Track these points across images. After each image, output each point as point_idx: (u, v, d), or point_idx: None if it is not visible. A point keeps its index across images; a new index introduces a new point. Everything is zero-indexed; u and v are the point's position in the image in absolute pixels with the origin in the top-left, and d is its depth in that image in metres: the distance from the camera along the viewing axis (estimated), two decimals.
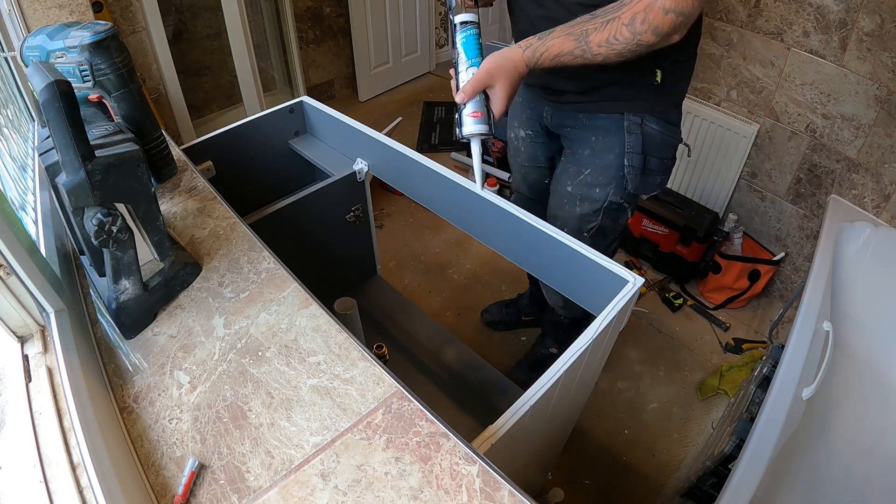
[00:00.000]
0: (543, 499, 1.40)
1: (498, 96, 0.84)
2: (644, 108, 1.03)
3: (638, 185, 1.08)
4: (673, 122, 1.07)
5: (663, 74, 0.99)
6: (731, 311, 1.91)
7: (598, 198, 1.10)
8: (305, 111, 1.35)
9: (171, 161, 0.95)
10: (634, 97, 1.02)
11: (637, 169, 1.06)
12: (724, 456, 1.16)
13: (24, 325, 0.69)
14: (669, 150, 1.08)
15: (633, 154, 1.05)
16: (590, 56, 0.84)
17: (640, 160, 1.06)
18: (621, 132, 1.05)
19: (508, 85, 0.84)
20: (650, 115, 1.04)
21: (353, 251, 1.47)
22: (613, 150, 1.06)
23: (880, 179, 1.50)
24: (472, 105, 0.84)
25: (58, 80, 0.55)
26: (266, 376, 0.67)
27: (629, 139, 1.04)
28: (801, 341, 1.17)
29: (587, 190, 1.11)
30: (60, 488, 0.53)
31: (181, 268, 0.79)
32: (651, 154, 1.06)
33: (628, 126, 1.04)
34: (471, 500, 0.54)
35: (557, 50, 0.84)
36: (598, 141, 1.08)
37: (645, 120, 1.04)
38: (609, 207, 1.11)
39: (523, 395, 0.69)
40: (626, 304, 0.79)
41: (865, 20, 1.38)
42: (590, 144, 1.10)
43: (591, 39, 0.82)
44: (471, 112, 0.84)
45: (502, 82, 0.84)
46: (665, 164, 1.09)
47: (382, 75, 3.14)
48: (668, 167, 1.11)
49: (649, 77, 0.99)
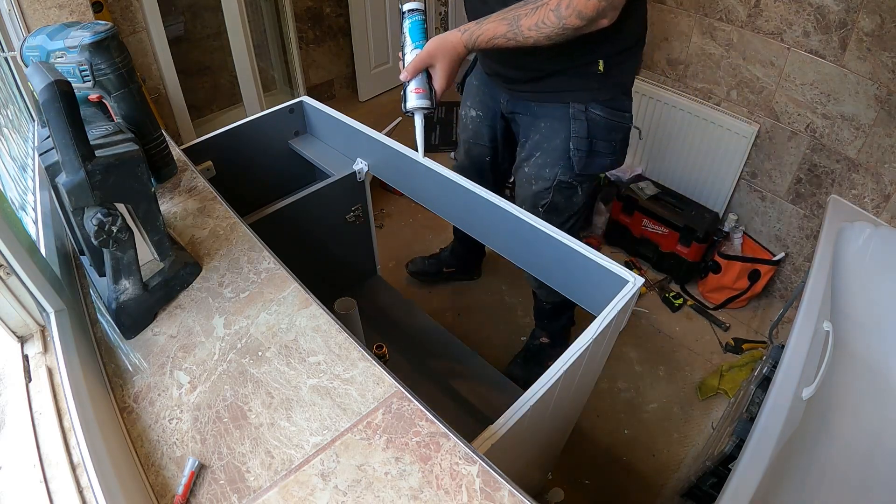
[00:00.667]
0: (543, 499, 1.39)
1: (439, 74, 0.93)
2: (588, 96, 1.13)
3: (585, 166, 1.19)
4: (620, 108, 1.16)
5: (606, 65, 1.08)
6: (731, 311, 1.91)
7: (549, 177, 1.22)
8: (305, 111, 1.35)
9: (171, 161, 0.95)
10: (579, 87, 1.12)
11: (583, 152, 1.17)
12: (724, 456, 1.16)
13: (24, 325, 0.69)
14: (616, 133, 1.18)
15: (579, 139, 1.16)
16: (521, 39, 0.92)
17: (586, 144, 1.16)
18: (567, 119, 1.15)
19: (448, 64, 0.92)
20: (595, 102, 1.13)
21: (353, 251, 1.47)
22: (560, 134, 1.17)
23: (880, 179, 1.50)
24: (415, 82, 0.93)
25: (58, 80, 0.55)
26: (266, 376, 0.67)
27: (574, 125, 1.15)
28: (801, 341, 1.17)
29: (539, 170, 1.23)
30: (60, 488, 0.53)
31: (181, 268, 0.79)
32: (597, 138, 1.17)
33: (574, 113, 1.14)
34: (471, 500, 0.54)
35: (492, 33, 0.93)
36: (546, 127, 1.19)
37: (589, 107, 1.13)
38: (559, 186, 1.22)
39: (523, 395, 0.69)
40: (626, 304, 0.79)
41: (865, 20, 1.38)
42: (540, 130, 1.21)
43: (522, 24, 0.91)
44: (413, 89, 0.93)
45: (442, 62, 0.92)
46: (613, 146, 1.20)
47: (382, 75, 3.14)
48: (616, 149, 1.21)
49: (592, 67, 1.08)
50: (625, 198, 1.99)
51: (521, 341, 1.81)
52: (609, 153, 1.20)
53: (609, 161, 1.21)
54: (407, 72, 0.93)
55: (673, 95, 1.88)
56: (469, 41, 0.93)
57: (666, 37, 1.85)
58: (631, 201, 1.97)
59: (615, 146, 1.20)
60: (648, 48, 1.91)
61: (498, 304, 1.94)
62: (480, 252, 1.96)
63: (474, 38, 0.93)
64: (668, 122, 1.91)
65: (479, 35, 0.93)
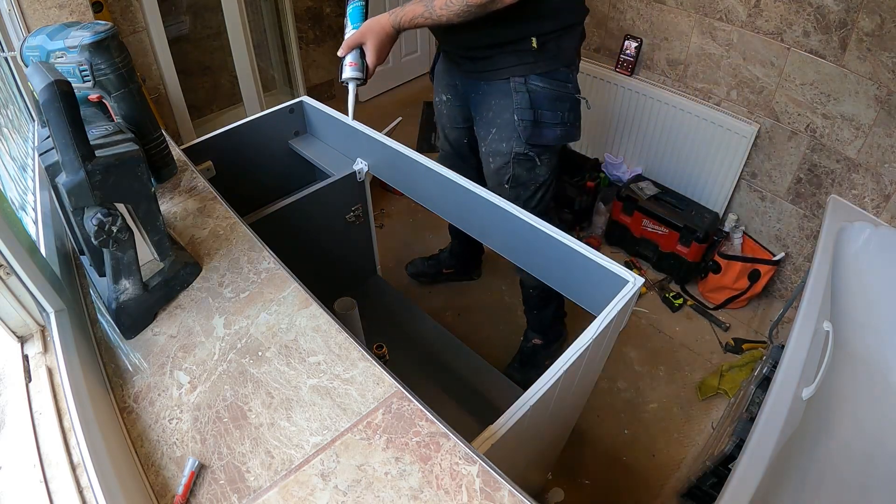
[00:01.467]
0: (543, 499, 1.39)
1: (369, 50, 1.06)
2: (526, 70, 1.20)
3: (533, 136, 1.25)
4: (561, 79, 1.22)
5: (539, 41, 1.16)
6: (731, 311, 1.91)
7: (506, 151, 1.28)
8: (305, 111, 1.35)
9: (171, 161, 0.95)
10: (516, 62, 1.19)
11: (527, 122, 1.24)
12: (724, 456, 1.16)
13: (24, 325, 0.69)
14: (561, 103, 1.24)
15: (522, 109, 1.23)
16: (436, 17, 1.04)
17: (530, 114, 1.23)
18: (510, 93, 1.22)
19: (377, 42, 1.06)
20: (534, 74, 1.20)
21: (353, 251, 1.47)
22: (508, 109, 1.24)
23: (880, 179, 1.50)
24: (350, 57, 1.07)
25: (58, 80, 0.55)
26: (266, 376, 0.67)
27: (516, 97, 1.22)
28: (801, 341, 1.17)
29: (496, 146, 1.29)
30: (60, 488, 0.53)
31: (181, 268, 0.79)
32: (542, 108, 1.23)
33: (514, 86, 1.21)
34: (471, 500, 0.54)
35: (412, 14, 1.05)
36: (496, 104, 1.26)
37: (529, 80, 1.20)
38: (516, 159, 1.28)
39: (523, 395, 0.69)
40: (626, 304, 0.79)
41: (865, 20, 1.38)
42: (491, 108, 1.28)
43: (435, 4, 1.03)
44: (349, 62, 1.07)
45: (371, 40, 1.06)
46: (561, 115, 1.25)
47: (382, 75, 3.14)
48: (566, 119, 1.26)
49: (525, 44, 1.16)
50: (625, 198, 1.99)
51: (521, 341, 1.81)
52: (557, 123, 1.26)
53: (560, 131, 1.27)
54: (343, 48, 1.08)
55: (673, 95, 1.87)
56: (395, 21, 1.06)
57: (666, 37, 1.85)
58: (631, 201, 1.97)
59: (562, 116, 1.25)
60: (649, 48, 1.91)
61: (498, 304, 1.94)
62: (479, 251, 1.96)
63: (398, 19, 1.06)
64: (668, 122, 1.91)
65: (402, 15, 1.06)
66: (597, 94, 2.09)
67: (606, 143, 2.17)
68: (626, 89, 1.98)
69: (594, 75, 2.05)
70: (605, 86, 2.04)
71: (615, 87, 2.01)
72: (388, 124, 2.24)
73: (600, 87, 2.06)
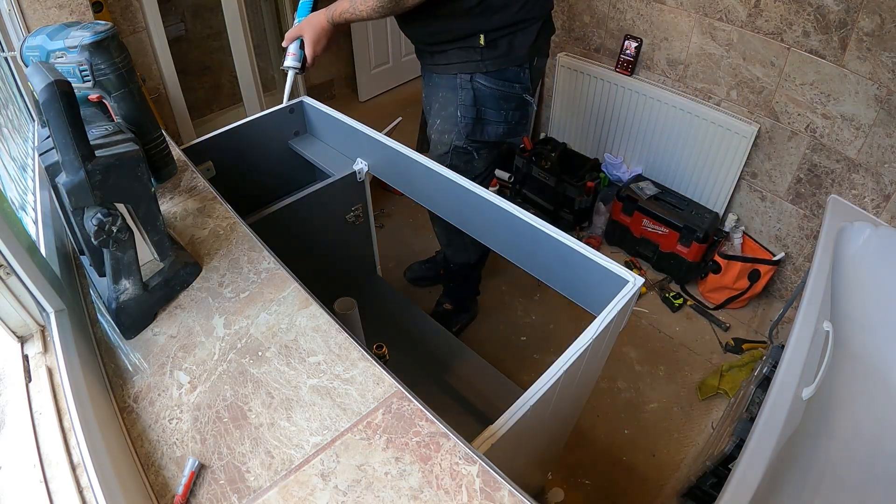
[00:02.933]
0: (543, 499, 1.39)
1: (306, 42, 1.15)
2: (472, 67, 1.21)
3: (472, 132, 1.28)
4: (509, 78, 1.23)
5: (487, 38, 1.16)
6: (731, 311, 1.91)
7: (447, 142, 1.32)
8: (305, 111, 1.35)
9: (171, 161, 0.95)
10: (464, 58, 1.21)
11: (468, 119, 1.26)
12: (724, 456, 1.16)
13: (24, 325, 0.69)
14: (507, 102, 1.26)
15: (465, 106, 1.25)
16: (358, 12, 1.10)
17: (472, 111, 1.25)
18: (456, 89, 1.25)
19: (313, 35, 1.15)
20: (480, 73, 1.22)
21: (353, 251, 1.47)
22: (453, 103, 1.27)
23: (880, 179, 1.50)
24: (291, 47, 1.18)
25: (58, 80, 0.55)
26: (266, 376, 0.67)
27: (461, 94, 1.25)
28: (801, 341, 1.17)
29: (439, 136, 1.33)
30: (60, 488, 0.53)
31: (181, 268, 0.79)
32: (485, 106, 1.25)
33: (460, 83, 1.24)
34: (471, 500, 0.54)
35: (342, 8, 1.11)
36: (443, 96, 1.29)
37: (474, 77, 1.22)
38: (455, 150, 1.32)
39: (523, 395, 0.69)
40: (626, 304, 0.79)
41: (865, 20, 1.38)
42: (438, 99, 1.31)
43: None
44: (290, 52, 1.18)
45: (308, 33, 1.15)
46: (505, 114, 1.27)
47: (382, 75, 3.14)
48: (510, 118, 1.28)
49: (473, 41, 1.17)
50: (625, 198, 1.99)
51: (521, 341, 1.81)
52: (500, 121, 1.28)
53: (503, 129, 1.29)
54: (286, 39, 1.17)
55: (673, 95, 1.87)
56: (328, 16, 1.13)
57: (666, 37, 1.85)
58: (631, 201, 1.97)
59: (506, 115, 1.27)
60: (649, 48, 1.91)
61: (498, 304, 1.94)
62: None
63: (331, 13, 1.13)
64: (668, 122, 1.91)
65: (334, 10, 1.12)
66: (597, 94, 2.09)
67: (606, 143, 2.17)
68: (626, 89, 1.98)
69: (594, 75, 2.05)
70: (605, 86, 2.04)
71: (615, 87, 2.01)
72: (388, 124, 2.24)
73: (600, 87, 2.06)
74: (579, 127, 2.23)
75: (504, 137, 1.31)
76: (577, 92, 2.15)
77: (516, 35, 1.18)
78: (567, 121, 2.27)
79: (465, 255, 1.59)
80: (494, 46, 1.18)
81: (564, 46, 2.17)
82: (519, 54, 1.21)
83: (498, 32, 1.16)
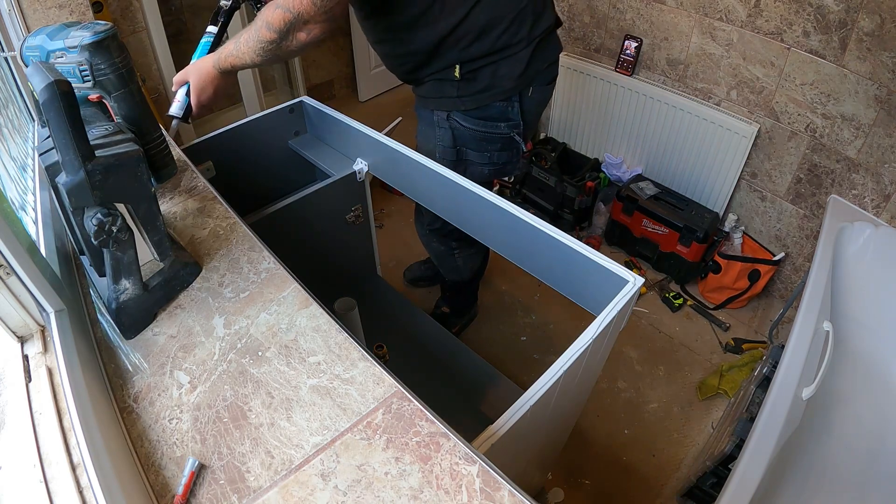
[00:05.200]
0: (543, 499, 1.39)
1: (191, 90, 1.00)
2: (448, 105, 1.08)
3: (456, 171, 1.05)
4: (493, 117, 1.07)
5: (463, 70, 1.01)
6: (731, 311, 1.91)
7: None
8: (305, 111, 1.35)
9: (171, 161, 0.95)
10: (438, 93, 1.08)
11: (448, 161, 1.12)
12: (724, 456, 1.16)
13: (24, 325, 0.69)
14: (490, 144, 1.11)
15: (444, 147, 1.13)
16: (242, 55, 0.94)
17: (452, 153, 1.13)
18: (433, 126, 1.14)
19: (197, 81, 1.00)
20: (458, 111, 1.08)
21: (353, 251, 1.47)
22: (431, 140, 1.17)
23: (880, 179, 1.50)
24: (179, 93, 1.04)
25: (58, 80, 0.55)
26: (266, 376, 0.67)
27: (439, 133, 1.13)
28: (801, 341, 1.17)
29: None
30: (60, 488, 0.53)
31: (181, 268, 0.79)
32: (466, 147, 1.12)
33: (437, 121, 1.12)
34: (471, 500, 0.54)
35: (227, 52, 0.96)
36: (423, 131, 1.20)
37: (451, 115, 1.09)
38: None
39: (523, 395, 0.69)
40: (626, 304, 0.79)
41: (865, 20, 1.38)
42: (420, 132, 1.22)
43: (241, 41, 0.93)
44: (176, 98, 1.04)
45: (193, 79, 1.00)
46: (489, 156, 1.13)
47: (382, 75, 3.14)
48: (496, 159, 1.14)
49: (448, 73, 1.03)
50: (625, 198, 1.99)
51: (521, 341, 1.81)
52: (484, 163, 1.14)
53: (488, 171, 1.15)
54: (174, 83, 1.03)
55: (673, 95, 1.87)
56: (216, 63, 0.98)
57: (666, 37, 1.85)
58: (631, 201, 1.97)
59: (491, 157, 1.13)
60: (649, 48, 1.91)
61: (498, 304, 1.94)
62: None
63: (219, 60, 0.98)
64: (668, 122, 1.91)
65: (221, 55, 0.98)
66: (597, 94, 2.09)
67: (606, 143, 2.17)
68: (626, 89, 1.98)
69: (594, 75, 2.05)
70: (605, 86, 2.04)
71: (615, 87, 2.01)
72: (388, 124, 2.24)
73: (600, 87, 2.06)
74: (579, 127, 2.23)
75: (490, 178, 1.18)
76: (577, 92, 2.15)
77: (499, 65, 1.01)
78: (567, 121, 2.27)
79: (457, 275, 1.57)
80: (473, 79, 1.00)
81: (564, 46, 2.17)
82: (504, 87, 1.03)
83: (475, 63, 0.99)
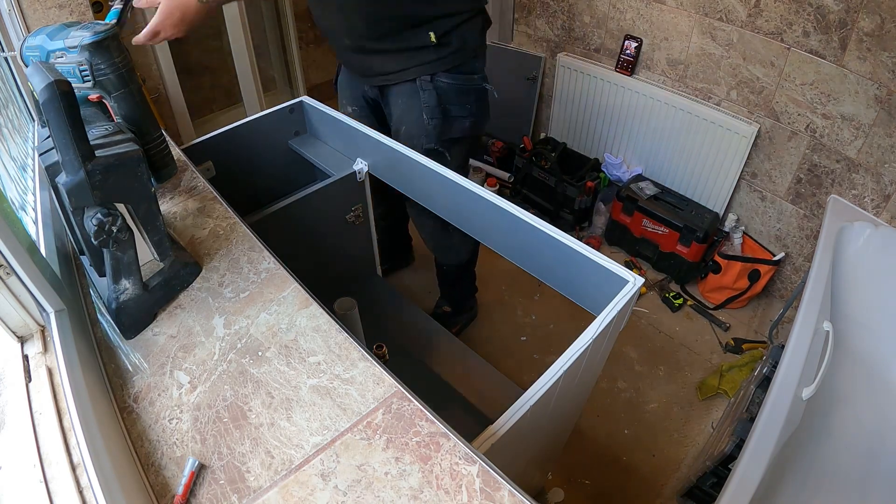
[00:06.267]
0: (543, 499, 1.40)
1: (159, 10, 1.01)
2: (429, 68, 1.21)
3: (443, 132, 1.27)
4: (468, 71, 1.25)
5: (437, 35, 1.16)
6: (731, 311, 1.91)
7: (416, 147, 1.25)
8: (305, 111, 1.35)
9: (171, 161, 0.95)
10: (420, 60, 1.21)
11: (437, 119, 1.26)
12: (724, 456, 1.16)
13: (24, 325, 0.69)
14: (468, 96, 1.27)
15: (430, 108, 1.25)
16: None
17: (439, 112, 1.25)
18: (417, 92, 1.24)
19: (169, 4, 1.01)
20: (441, 72, 1.22)
21: (353, 251, 1.47)
22: (416, 108, 1.26)
23: (880, 179, 1.50)
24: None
25: (58, 80, 0.55)
26: (266, 376, 0.67)
27: (424, 96, 1.24)
28: (801, 341, 1.17)
29: (408, 142, 1.27)
30: (60, 488, 0.53)
31: (181, 268, 0.79)
32: (450, 103, 1.26)
33: (421, 85, 1.23)
34: (471, 500, 0.54)
35: None
36: (404, 103, 1.28)
37: (435, 77, 1.22)
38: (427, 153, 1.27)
39: (523, 395, 0.69)
40: (626, 304, 0.79)
41: (865, 20, 1.38)
42: (399, 107, 1.30)
43: None
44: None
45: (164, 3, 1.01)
46: (468, 108, 1.28)
47: None
48: (473, 111, 1.29)
49: (423, 39, 1.17)
50: (625, 198, 1.99)
51: (521, 341, 1.81)
52: (466, 115, 1.28)
53: (469, 123, 1.29)
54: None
55: (673, 95, 1.87)
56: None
57: (666, 37, 1.85)
58: (631, 201, 1.97)
59: (470, 108, 1.28)
60: (649, 48, 1.91)
61: (498, 304, 1.94)
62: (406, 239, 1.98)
63: None
64: (668, 122, 1.91)
65: None
66: (597, 94, 2.09)
67: (606, 143, 2.17)
68: (626, 89, 1.98)
69: (594, 75, 2.05)
70: (605, 86, 2.04)
71: (615, 87, 2.01)
72: None
73: (600, 87, 2.06)
74: (579, 127, 2.23)
75: (470, 131, 1.32)
76: (577, 92, 2.15)
77: (464, 29, 1.20)
78: (567, 121, 2.27)
79: (454, 255, 1.59)
80: (448, 43, 1.18)
81: (564, 46, 2.17)
82: (472, 46, 1.23)
83: (449, 25, 1.17)
